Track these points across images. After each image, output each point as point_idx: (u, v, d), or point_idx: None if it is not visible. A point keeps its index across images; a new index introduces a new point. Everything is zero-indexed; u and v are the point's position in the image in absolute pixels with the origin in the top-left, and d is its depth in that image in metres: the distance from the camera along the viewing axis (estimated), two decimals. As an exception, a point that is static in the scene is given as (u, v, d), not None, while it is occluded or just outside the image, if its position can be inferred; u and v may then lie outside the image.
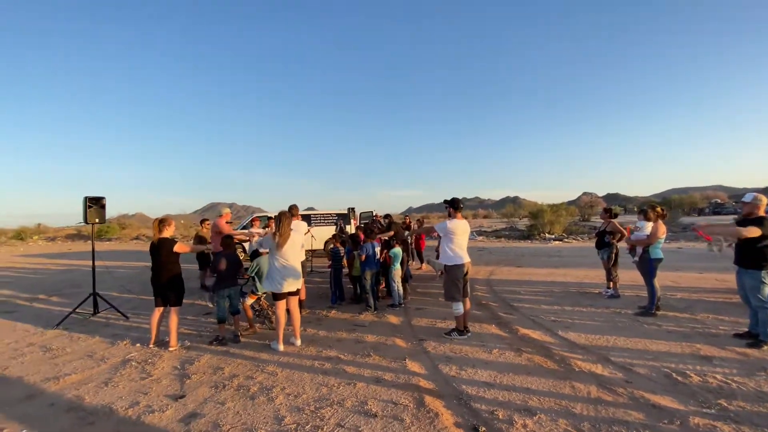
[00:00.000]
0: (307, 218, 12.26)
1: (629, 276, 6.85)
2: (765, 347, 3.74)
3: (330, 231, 11.38)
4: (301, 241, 4.43)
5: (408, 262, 8.09)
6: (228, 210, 6.29)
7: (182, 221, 32.43)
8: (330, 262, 6.14)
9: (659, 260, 5.02)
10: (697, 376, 3.20)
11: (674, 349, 3.84)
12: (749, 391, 2.94)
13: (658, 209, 5.15)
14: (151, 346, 4.30)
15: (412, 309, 5.72)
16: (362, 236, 5.91)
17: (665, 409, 2.70)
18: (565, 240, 17.87)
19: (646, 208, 5.27)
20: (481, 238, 21.15)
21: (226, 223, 6.05)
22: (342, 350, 4.05)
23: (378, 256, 5.69)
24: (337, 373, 3.46)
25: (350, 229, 10.94)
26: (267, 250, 4.31)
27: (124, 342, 4.47)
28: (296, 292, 4.21)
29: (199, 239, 7.37)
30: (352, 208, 12.83)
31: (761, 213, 3.82)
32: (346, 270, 6.44)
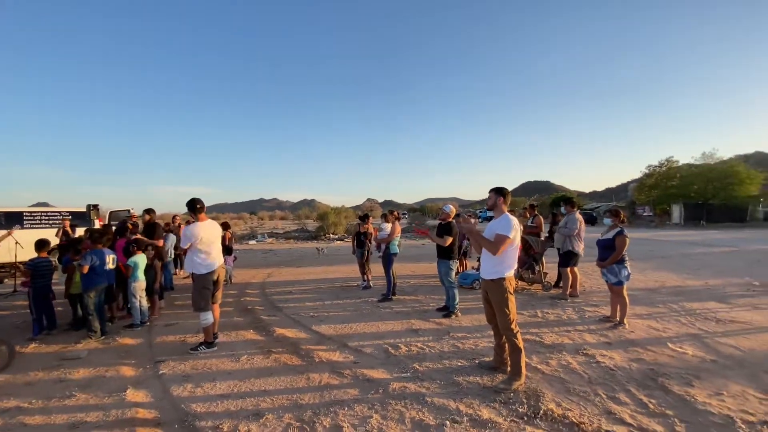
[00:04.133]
0: (16, 216, 8.81)
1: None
2: (453, 316, 5.10)
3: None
4: None
5: (169, 268, 6.99)
6: None
7: None
8: (27, 279, 4.48)
9: (395, 254, 6.18)
10: (405, 347, 4.00)
11: (397, 327, 4.74)
12: (435, 353, 3.85)
13: (395, 213, 6.36)
14: None
15: (160, 326, 4.90)
16: (87, 242, 4.64)
17: (375, 381, 3.23)
18: (346, 240, 19.88)
19: (386, 213, 6.42)
20: (270, 240, 20.87)
21: None
22: (29, 397, 2.99)
23: (108, 266, 4.58)
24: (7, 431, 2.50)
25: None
26: None
27: None
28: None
29: None
30: (95, 205, 10.08)
31: (450, 219, 5.25)
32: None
